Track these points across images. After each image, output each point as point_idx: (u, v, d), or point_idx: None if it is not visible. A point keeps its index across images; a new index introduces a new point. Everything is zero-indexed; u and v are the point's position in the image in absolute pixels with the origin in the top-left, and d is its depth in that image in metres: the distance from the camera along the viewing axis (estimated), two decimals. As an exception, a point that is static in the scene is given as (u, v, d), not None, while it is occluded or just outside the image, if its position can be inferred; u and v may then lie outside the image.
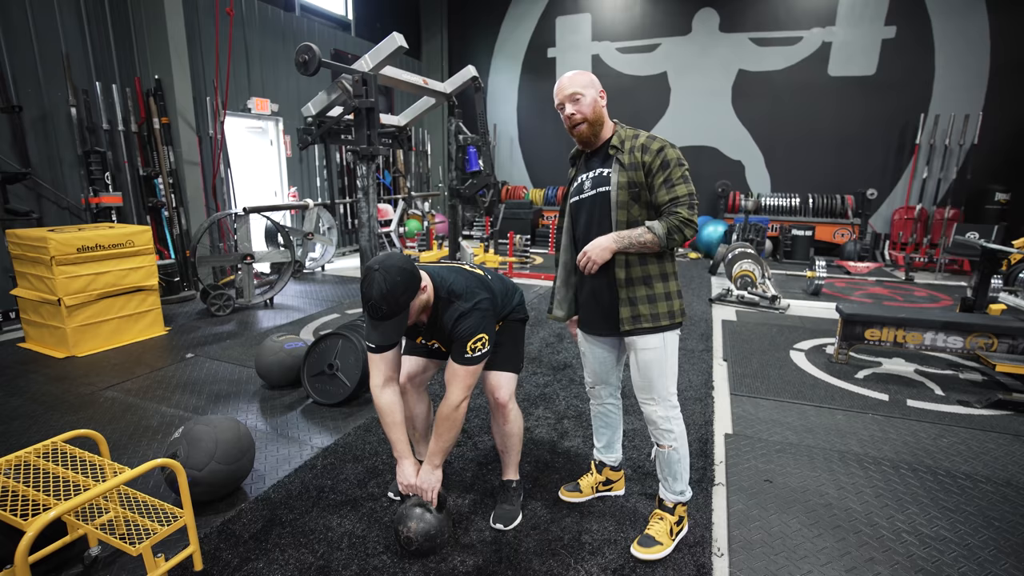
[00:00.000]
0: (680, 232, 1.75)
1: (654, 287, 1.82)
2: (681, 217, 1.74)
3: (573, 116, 1.81)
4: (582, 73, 1.83)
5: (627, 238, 1.77)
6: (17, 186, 4.47)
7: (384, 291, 1.64)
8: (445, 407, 1.82)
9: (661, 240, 1.74)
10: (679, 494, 1.96)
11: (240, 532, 2.01)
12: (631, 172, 1.77)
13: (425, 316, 1.87)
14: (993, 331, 3.47)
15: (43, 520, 1.41)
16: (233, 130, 6.62)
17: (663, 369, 1.86)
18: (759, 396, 3.28)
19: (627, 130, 1.85)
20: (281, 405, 3.12)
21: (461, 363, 1.80)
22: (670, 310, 1.83)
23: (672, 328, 1.85)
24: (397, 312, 1.68)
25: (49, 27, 4.68)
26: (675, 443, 1.90)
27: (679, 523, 1.98)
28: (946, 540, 2.00)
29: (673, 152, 1.77)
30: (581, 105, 1.79)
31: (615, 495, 2.26)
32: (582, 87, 1.79)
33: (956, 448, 2.68)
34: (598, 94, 1.82)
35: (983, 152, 7.69)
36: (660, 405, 1.89)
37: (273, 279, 5.81)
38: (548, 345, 4.17)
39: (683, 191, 1.75)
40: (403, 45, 3.24)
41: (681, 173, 1.76)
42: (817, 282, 5.78)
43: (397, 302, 1.66)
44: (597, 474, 2.26)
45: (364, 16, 9.03)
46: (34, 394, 3.22)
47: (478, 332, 1.78)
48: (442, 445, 1.86)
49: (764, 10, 8.50)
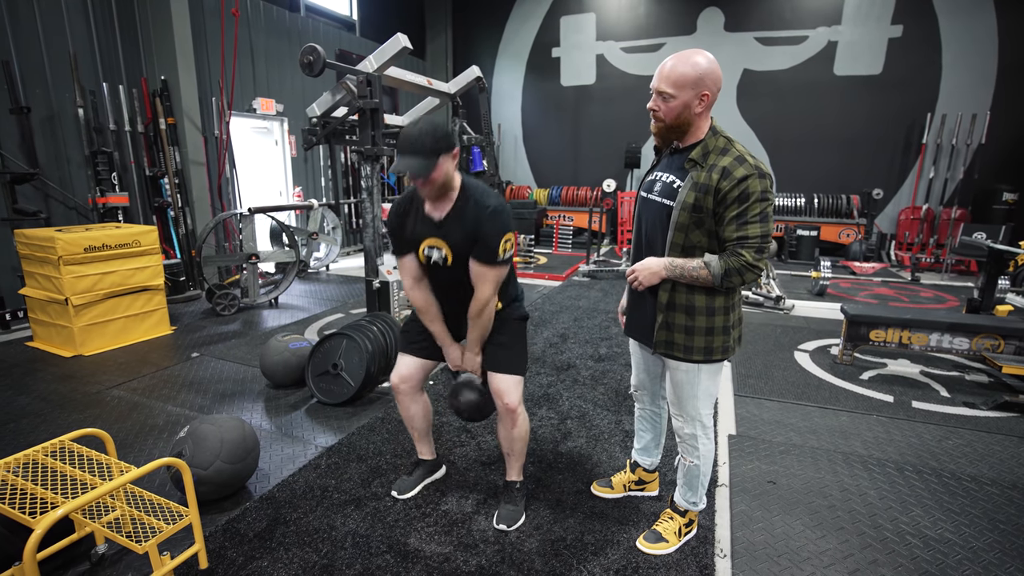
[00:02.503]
0: (740, 276, 1.58)
1: (695, 319, 1.68)
2: (745, 261, 1.56)
3: (655, 112, 1.64)
4: (688, 62, 1.55)
5: (680, 268, 1.64)
6: (25, 186, 4.51)
7: (424, 129, 1.72)
8: (476, 304, 1.87)
9: (716, 280, 1.60)
10: (692, 504, 1.96)
11: (245, 531, 2.02)
12: (700, 194, 1.57)
13: (447, 206, 1.85)
14: (1000, 332, 3.45)
15: (51, 518, 1.43)
16: (238, 130, 6.65)
17: (695, 392, 1.77)
18: (763, 397, 3.27)
19: (718, 140, 1.62)
20: (285, 404, 3.14)
21: (493, 264, 1.82)
22: (708, 346, 1.69)
23: (707, 362, 1.72)
24: (428, 153, 1.71)
25: (57, 29, 4.72)
26: (698, 460, 1.86)
27: (688, 525, 1.99)
28: (951, 543, 1.99)
29: (757, 184, 1.53)
30: (667, 106, 1.59)
31: (648, 495, 2.26)
32: (677, 87, 1.56)
33: (961, 450, 2.67)
34: (697, 97, 1.56)
35: (990, 152, 7.64)
36: (688, 424, 1.83)
37: (278, 279, 5.84)
38: (552, 345, 4.17)
39: (755, 232, 1.55)
40: (407, 46, 3.25)
41: (760, 211, 1.55)
42: (822, 282, 5.76)
43: (434, 142, 1.71)
44: (631, 473, 2.26)
45: (369, 16, 9.05)
46: (42, 392, 3.25)
47: (508, 231, 1.82)
48: (479, 334, 1.97)
49: (769, 9, 8.47)
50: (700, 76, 1.55)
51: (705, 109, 1.60)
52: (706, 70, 1.55)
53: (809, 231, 8.08)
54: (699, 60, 1.55)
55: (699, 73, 1.55)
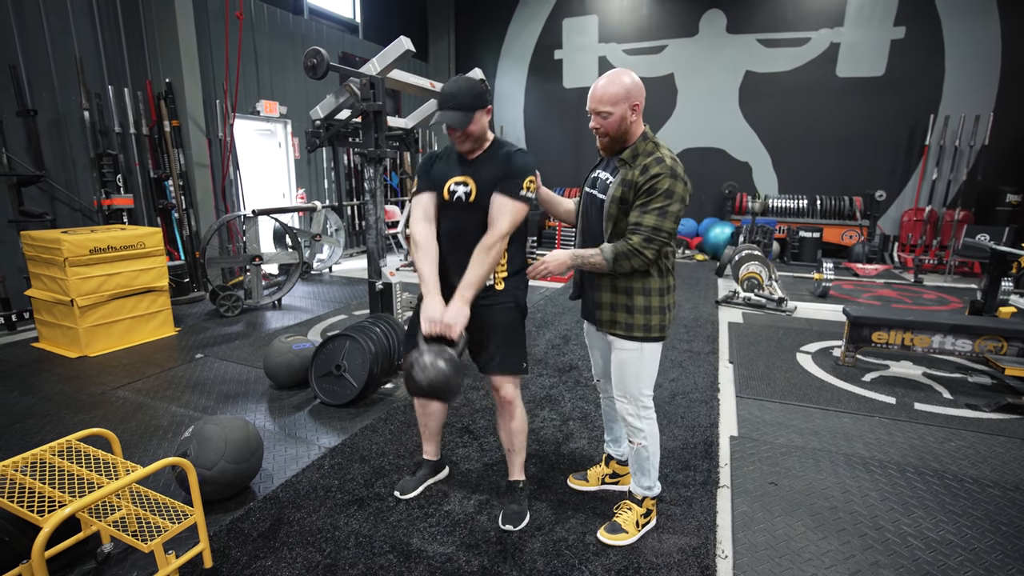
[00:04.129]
0: (627, 259, 1.74)
1: (633, 299, 1.84)
2: (632, 244, 1.73)
3: (597, 130, 1.82)
4: (616, 82, 1.74)
5: (580, 257, 1.81)
6: (32, 188, 4.55)
7: (462, 86, 1.85)
8: (491, 236, 1.85)
9: (608, 264, 1.77)
10: (647, 489, 2.02)
11: (249, 530, 2.04)
12: (626, 188, 1.77)
13: (478, 151, 1.94)
14: (1003, 334, 3.45)
15: (58, 516, 1.45)
16: (242, 132, 6.68)
17: (638, 372, 1.89)
18: (765, 398, 3.27)
19: (647, 144, 1.80)
20: (289, 405, 3.16)
21: (516, 198, 1.86)
22: (646, 323, 1.84)
23: (648, 340, 1.86)
24: (464, 107, 1.82)
25: (63, 33, 4.76)
26: (645, 441, 1.95)
27: (647, 515, 2.04)
28: (952, 544, 1.99)
29: (666, 183, 1.70)
30: (607, 122, 1.78)
31: (621, 489, 2.28)
32: (612, 104, 1.74)
33: (964, 452, 2.67)
34: (629, 109, 1.75)
35: (994, 153, 7.62)
36: (631, 404, 1.93)
37: (281, 280, 5.86)
38: (554, 347, 4.18)
39: (649, 221, 1.72)
40: (410, 49, 3.26)
41: (660, 205, 1.71)
42: (824, 284, 5.75)
43: (472, 98, 1.83)
44: (604, 466, 2.32)
45: (372, 19, 9.08)
46: (48, 393, 3.28)
47: (531, 171, 1.90)
48: (478, 275, 1.84)
49: (771, 11, 8.48)
50: (628, 90, 1.74)
51: (638, 117, 1.80)
52: (631, 84, 1.75)
53: (811, 233, 8.07)
54: (624, 79, 1.75)
55: (627, 88, 1.74)
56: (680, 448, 2.65)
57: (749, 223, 7.96)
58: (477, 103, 1.84)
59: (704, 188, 9.18)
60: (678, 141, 9.22)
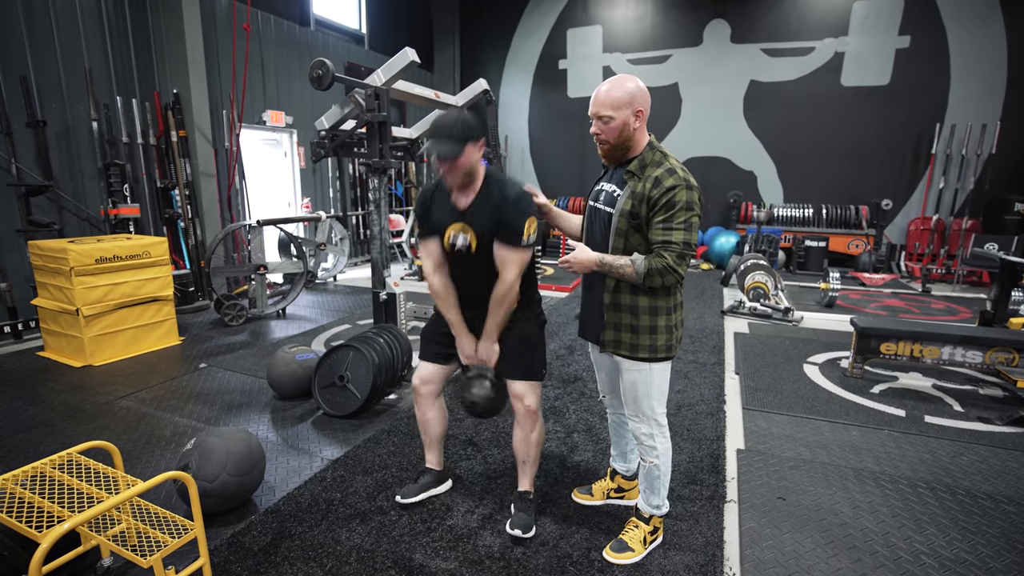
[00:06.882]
0: (661, 277, 1.69)
1: (639, 318, 1.78)
2: (667, 263, 1.67)
3: (597, 135, 1.77)
4: (620, 87, 1.70)
5: (609, 264, 1.76)
6: (40, 198, 4.58)
7: (457, 117, 1.84)
8: (500, 288, 1.90)
9: (639, 278, 1.71)
10: (656, 508, 1.98)
11: (250, 545, 2.02)
12: (636, 202, 1.71)
13: (471, 195, 1.92)
14: (1014, 346, 3.40)
15: (57, 532, 1.43)
16: (248, 142, 6.73)
17: (648, 391, 1.84)
18: (772, 411, 3.23)
19: (655, 154, 1.75)
20: (292, 416, 3.14)
21: (518, 247, 1.87)
22: (652, 344, 1.79)
23: (655, 361, 1.81)
24: (455, 138, 1.80)
25: (73, 44, 4.82)
26: (657, 460, 1.91)
27: (653, 533, 2.00)
28: (966, 563, 1.95)
29: (684, 195, 1.66)
30: (607, 127, 1.72)
31: (626, 504, 2.25)
32: (614, 108, 1.69)
33: (976, 466, 2.62)
34: (632, 114, 1.70)
35: (1001, 162, 7.58)
36: (644, 423, 1.88)
37: (286, 289, 5.87)
38: (558, 358, 4.15)
39: (679, 237, 1.67)
40: (415, 60, 3.28)
41: (684, 219, 1.66)
42: (831, 294, 5.71)
43: (463, 131, 1.81)
44: (610, 480, 2.29)
45: (377, 29, 9.16)
46: (52, 403, 3.28)
47: (531, 214, 1.88)
48: (497, 321, 1.96)
49: (776, 21, 8.50)
50: (631, 95, 1.69)
51: (642, 125, 1.75)
52: (635, 89, 1.71)
53: (817, 242, 8.04)
54: (628, 84, 1.71)
55: (630, 93, 1.69)
56: (686, 462, 2.62)
57: (754, 232, 7.94)
58: (468, 135, 1.81)
59: (709, 197, 9.15)
60: (683, 150, 9.21)
